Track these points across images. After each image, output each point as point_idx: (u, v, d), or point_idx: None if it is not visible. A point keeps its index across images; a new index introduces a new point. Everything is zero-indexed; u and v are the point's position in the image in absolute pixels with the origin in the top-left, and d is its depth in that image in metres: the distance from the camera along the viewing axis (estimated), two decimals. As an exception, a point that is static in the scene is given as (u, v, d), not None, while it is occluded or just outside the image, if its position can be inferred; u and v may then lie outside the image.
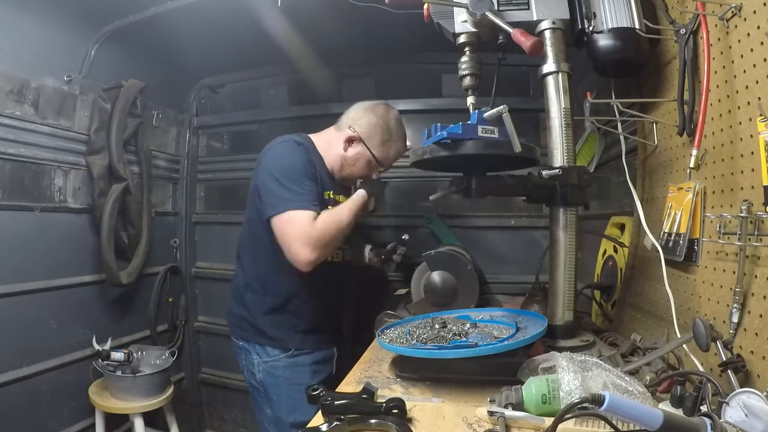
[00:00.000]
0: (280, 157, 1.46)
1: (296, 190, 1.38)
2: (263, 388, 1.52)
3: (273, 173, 1.41)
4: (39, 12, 1.75)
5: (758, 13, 0.80)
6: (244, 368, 1.59)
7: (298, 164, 1.43)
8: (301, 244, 1.33)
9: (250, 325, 1.56)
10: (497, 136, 1.03)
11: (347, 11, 1.47)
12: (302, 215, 1.34)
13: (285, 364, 1.52)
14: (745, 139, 0.84)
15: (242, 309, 1.58)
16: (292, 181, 1.39)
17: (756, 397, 0.65)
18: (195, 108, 2.69)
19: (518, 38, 1.07)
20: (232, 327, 1.64)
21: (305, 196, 1.38)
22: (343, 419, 0.81)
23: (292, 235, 1.34)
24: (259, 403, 1.55)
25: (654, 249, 1.12)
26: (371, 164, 1.57)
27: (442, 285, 1.50)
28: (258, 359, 1.53)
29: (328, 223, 1.37)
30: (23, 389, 1.74)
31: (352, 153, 1.55)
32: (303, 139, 1.54)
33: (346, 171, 1.59)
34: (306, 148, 1.50)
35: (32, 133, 1.80)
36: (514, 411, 0.79)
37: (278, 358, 1.52)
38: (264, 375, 1.52)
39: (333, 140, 1.58)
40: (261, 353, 1.53)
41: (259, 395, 1.55)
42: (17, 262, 1.74)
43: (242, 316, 1.58)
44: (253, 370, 1.54)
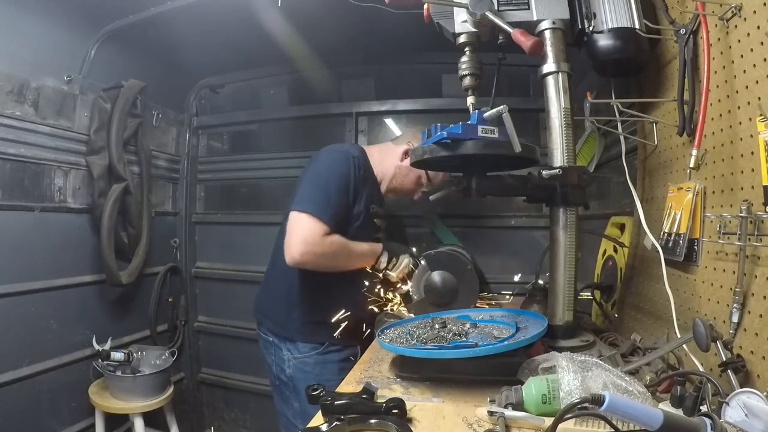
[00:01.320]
0: (325, 164, 1.53)
1: (323, 200, 1.42)
2: (292, 383, 1.56)
3: (313, 176, 1.50)
4: (39, 12, 1.75)
5: (758, 13, 0.80)
6: (272, 363, 1.62)
7: (338, 176, 1.48)
8: (301, 243, 1.37)
9: (283, 320, 1.59)
10: (497, 136, 1.02)
11: (347, 11, 1.47)
12: (316, 224, 1.38)
13: (315, 360, 1.57)
14: (745, 139, 0.84)
15: (275, 304, 1.62)
16: (323, 190, 1.44)
17: (756, 397, 0.65)
18: (195, 108, 2.69)
19: (518, 38, 1.07)
20: (261, 321, 1.67)
21: (328, 209, 1.41)
22: (343, 419, 0.81)
23: (298, 232, 1.38)
24: (287, 397, 1.59)
25: (654, 249, 1.12)
26: (420, 179, 1.65)
27: (442, 285, 1.49)
28: (289, 355, 1.57)
29: (335, 246, 1.42)
30: (23, 389, 1.74)
31: (407, 164, 1.60)
32: (357, 151, 1.59)
33: (396, 182, 1.66)
34: (358, 161, 1.54)
35: (32, 133, 1.80)
36: (514, 411, 0.79)
37: (309, 355, 1.56)
38: (294, 370, 1.56)
39: (389, 152, 1.67)
40: (292, 349, 1.57)
41: (287, 389, 1.59)
42: (17, 262, 1.74)
43: (275, 310, 1.62)
44: (283, 365, 1.58)
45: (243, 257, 2.54)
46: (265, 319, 1.66)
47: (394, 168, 1.65)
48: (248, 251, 2.52)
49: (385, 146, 1.72)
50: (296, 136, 2.60)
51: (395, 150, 1.66)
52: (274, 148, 2.61)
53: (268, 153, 2.61)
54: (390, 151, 1.67)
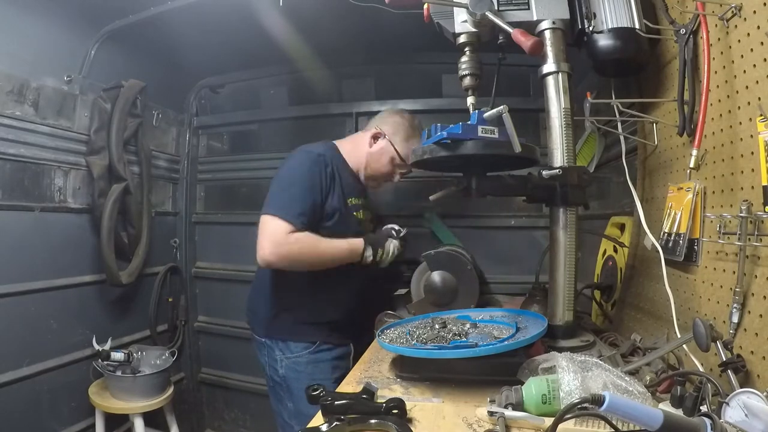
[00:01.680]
0: (289, 166, 1.55)
1: (287, 200, 1.45)
2: (285, 383, 1.57)
3: (278, 179, 1.52)
4: (39, 12, 1.75)
5: (758, 13, 0.80)
6: (266, 364, 1.63)
7: (302, 175, 1.49)
8: (267, 243, 1.40)
9: (274, 322, 1.60)
10: (497, 136, 1.02)
11: (347, 11, 1.47)
12: (280, 223, 1.40)
13: (307, 359, 1.57)
14: (745, 139, 0.84)
15: (265, 306, 1.63)
16: (288, 191, 1.47)
17: (756, 397, 0.65)
18: (195, 108, 2.68)
19: (518, 38, 1.07)
20: (254, 324, 1.68)
21: (293, 209, 1.43)
22: (343, 419, 0.81)
23: (264, 234, 1.42)
24: (281, 397, 1.60)
25: (654, 249, 1.12)
26: (394, 161, 1.65)
27: (442, 285, 1.49)
28: (281, 355, 1.58)
29: (301, 242, 1.43)
30: (23, 389, 1.74)
31: (377, 148, 1.64)
32: (325, 148, 1.59)
33: (371, 168, 1.66)
34: (324, 158, 1.54)
35: (32, 133, 1.80)
36: (514, 411, 0.79)
37: (301, 354, 1.57)
38: (287, 370, 1.57)
39: (359, 141, 1.68)
40: (284, 349, 1.58)
41: (281, 389, 1.59)
42: (17, 262, 1.74)
43: (265, 312, 1.63)
44: (276, 365, 1.58)
45: (243, 257, 2.53)
46: (255, 320, 1.68)
47: (365, 155, 1.66)
48: (248, 251, 2.48)
49: (355, 136, 1.74)
50: (296, 136, 2.60)
51: (364, 137, 1.67)
52: (274, 148, 2.60)
53: (268, 153, 2.60)
54: (360, 140, 1.68)
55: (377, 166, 1.66)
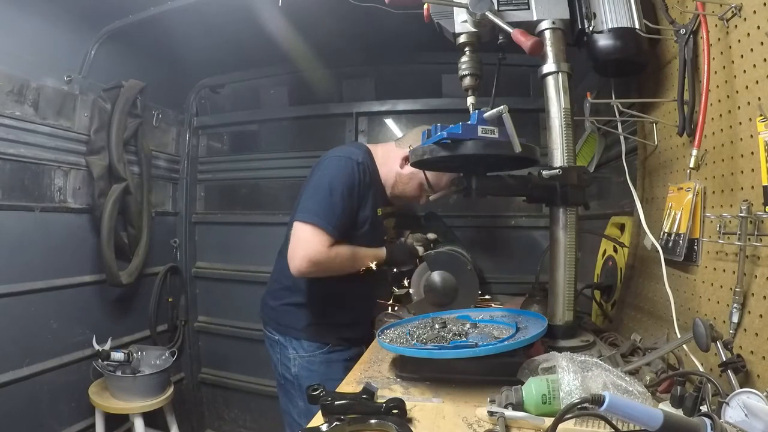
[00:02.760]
0: (329, 171, 1.49)
1: (327, 209, 1.41)
2: (298, 381, 1.56)
3: (316, 183, 1.47)
4: (39, 12, 1.75)
5: (758, 13, 0.80)
6: (278, 362, 1.61)
7: (342, 184, 1.45)
8: (305, 256, 1.37)
9: (289, 320, 1.59)
10: (497, 136, 1.02)
11: (347, 11, 1.47)
12: (320, 236, 1.38)
13: (321, 359, 1.56)
14: (745, 139, 0.84)
15: (282, 304, 1.61)
16: (327, 199, 1.42)
17: (756, 397, 0.65)
18: (195, 108, 2.69)
19: (518, 38, 1.07)
20: (268, 320, 1.66)
21: (333, 219, 1.40)
22: (343, 419, 0.81)
23: (303, 244, 1.38)
24: (292, 395, 1.58)
25: (654, 249, 1.12)
26: (423, 187, 1.59)
27: (442, 285, 1.49)
28: (294, 354, 1.56)
29: (340, 257, 1.41)
30: (23, 389, 1.74)
31: (408, 171, 1.56)
32: (362, 155, 1.54)
33: (398, 189, 1.61)
34: (363, 166, 1.50)
35: (32, 133, 1.80)
36: (514, 411, 0.79)
37: (315, 354, 1.56)
38: (300, 369, 1.56)
39: (392, 155, 1.61)
40: (298, 348, 1.56)
41: (292, 388, 1.58)
42: (17, 262, 1.74)
43: (281, 310, 1.61)
44: (289, 364, 1.57)
45: (243, 257, 2.54)
46: (270, 318, 1.66)
47: (395, 175, 1.60)
48: (248, 251, 2.52)
49: (387, 147, 1.66)
50: (296, 136, 2.60)
51: (396, 154, 1.61)
52: (274, 148, 2.61)
53: (268, 153, 2.61)
54: (392, 154, 1.62)
55: (405, 189, 1.61)
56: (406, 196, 1.63)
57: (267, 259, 1.75)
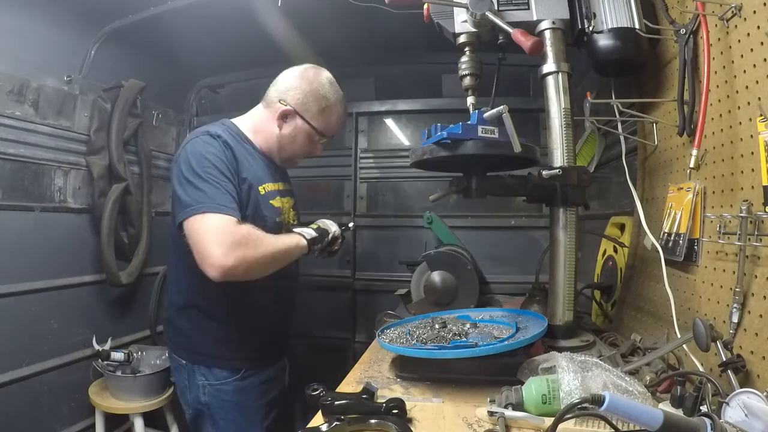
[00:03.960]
0: (191, 154, 1.23)
1: (213, 191, 1.16)
2: (209, 410, 1.35)
3: (183, 174, 1.20)
4: (39, 12, 1.75)
5: (758, 13, 0.80)
6: (185, 388, 1.38)
7: (213, 160, 1.21)
8: (216, 244, 1.10)
9: (194, 344, 1.36)
10: (497, 136, 1.02)
11: (347, 11, 1.47)
12: (221, 217, 1.13)
13: (233, 387, 1.34)
14: (745, 139, 0.84)
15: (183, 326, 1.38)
16: (206, 181, 1.17)
17: (756, 397, 0.65)
18: (195, 108, 2.69)
19: (518, 38, 1.07)
20: (171, 342, 1.43)
21: (224, 198, 1.16)
22: (343, 419, 0.81)
23: (206, 235, 1.12)
24: (202, 426, 1.37)
25: (654, 249, 1.12)
26: (312, 137, 1.41)
27: (442, 285, 1.49)
28: (204, 381, 1.34)
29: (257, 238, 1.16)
30: (23, 389, 1.74)
31: (288, 130, 1.38)
32: (222, 129, 1.32)
33: (287, 150, 1.42)
34: (224, 140, 1.27)
35: (32, 133, 1.80)
36: (514, 411, 0.79)
37: (226, 382, 1.34)
38: (210, 398, 1.34)
39: (263, 119, 1.40)
40: (207, 375, 1.34)
41: (203, 417, 1.36)
42: (17, 262, 1.74)
43: (184, 333, 1.38)
44: (198, 392, 1.35)
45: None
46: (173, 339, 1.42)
47: (276, 139, 1.39)
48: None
49: (255, 114, 1.43)
50: (296, 136, 2.60)
51: (268, 116, 1.39)
52: (274, 148, 2.60)
53: (267, 153, 2.60)
54: (263, 120, 1.40)
55: (294, 148, 1.41)
56: (298, 154, 1.45)
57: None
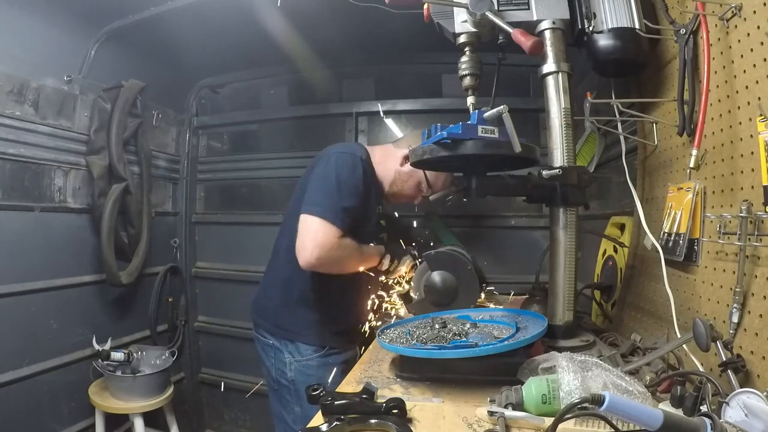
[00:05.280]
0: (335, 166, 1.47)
1: (335, 203, 1.40)
2: (294, 386, 1.53)
3: (321, 177, 1.45)
4: (39, 12, 1.75)
5: (758, 13, 0.80)
6: (272, 366, 1.57)
7: (349, 179, 1.45)
8: (316, 247, 1.35)
9: (285, 322, 1.57)
10: (497, 136, 1.02)
11: (347, 11, 1.47)
12: (329, 228, 1.37)
13: (317, 363, 1.53)
14: (745, 139, 0.84)
15: (277, 305, 1.59)
16: (335, 193, 1.41)
17: (756, 397, 0.65)
18: (195, 108, 2.69)
19: (518, 38, 1.07)
20: (261, 323, 1.63)
21: (341, 213, 1.39)
22: (343, 419, 0.81)
23: (312, 236, 1.36)
24: (287, 401, 1.55)
25: (654, 249, 1.12)
26: (421, 185, 1.61)
27: (443, 285, 1.49)
28: (290, 358, 1.54)
29: (348, 250, 1.42)
30: (23, 389, 1.74)
31: (407, 170, 1.59)
32: (362, 152, 1.55)
33: (396, 187, 1.63)
34: (365, 163, 1.51)
35: (32, 133, 1.80)
36: (514, 411, 0.79)
37: (311, 357, 1.54)
38: (296, 374, 1.53)
39: (390, 154, 1.63)
40: (294, 352, 1.54)
41: (288, 393, 1.55)
42: (17, 262, 1.74)
43: (277, 312, 1.59)
44: (284, 369, 1.54)
45: (243, 257, 2.54)
46: (264, 321, 1.63)
47: (394, 173, 1.61)
48: (248, 251, 2.52)
49: (386, 148, 1.68)
50: (296, 136, 2.61)
51: (396, 153, 1.62)
52: (274, 148, 2.61)
53: (268, 153, 2.61)
54: (391, 154, 1.63)
55: (403, 187, 1.62)
56: (404, 194, 1.65)
57: (267, 259, 1.74)
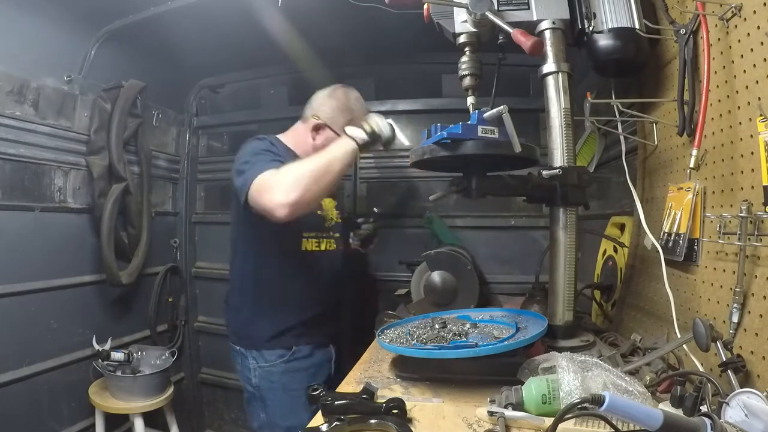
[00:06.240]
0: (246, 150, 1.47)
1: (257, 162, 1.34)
2: (259, 392, 1.53)
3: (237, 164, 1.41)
4: (39, 12, 1.75)
5: (758, 13, 0.80)
6: (240, 372, 1.59)
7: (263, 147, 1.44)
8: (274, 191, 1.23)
9: (246, 328, 1.56)
10: (497, 136, 1.02)
11: (347, 11, 1.47)
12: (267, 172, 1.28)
13: (282, 369, 1.51)
14: (745, 139, 0.84)
15: (237, 312, 1.59)
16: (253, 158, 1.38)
17: (756, 397, 0.65)
18: (195, 108, 2.69)
19: (518, 38, 1.07)
20: (229, 331, 1.64)
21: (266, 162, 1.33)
22: (343, 419, 0.81)
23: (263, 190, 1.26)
24: (254, 407, 1.55)
25: (654, 249, 1.12)
26: None
27: (442, 285, 1.49)
28: (254, 364, 1.52)
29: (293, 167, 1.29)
30: (23, 389, 1.74)
31: (321, 140, 1.56)
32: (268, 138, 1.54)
33: None
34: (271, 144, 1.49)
35: (32, 133, 1.80)
36: (514, 411, 0.79)
37: (275, 363, 1.51)
38: (260, 380, 1.52)
39: (300, 133, 1.61)
40: (258, 358, 1.52)
41: (254, 399, 1.55)
42: (17, 262, 1.74)
43: (237, 319, 1.59)
44: (249, 375, 1.54)
45: (243, 257, 2.54)
46: (230, 326, 1.64)
47: (311, 149, 1.53)
48: (248, 251, 2.52)
49: (294, 129, 1.64)
50: (296, 136, 2.60)
51: (304, 129, 1.59)
52: (274, 148, 2.60)
53: (268, 153, 2.60)
54: (301, 133, 1.60)
55: None
56: None
57: (267, 259, 1.74)
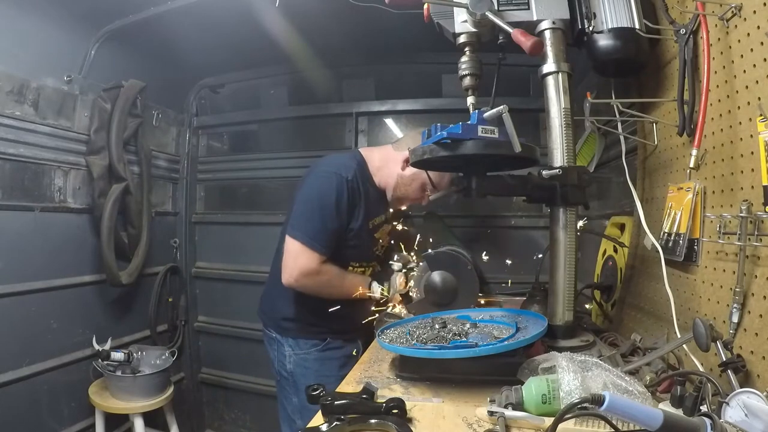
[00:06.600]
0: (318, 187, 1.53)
1: (317, 228, 1.47)
2: (293, 378, 1.61)
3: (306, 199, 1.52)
4: (39, 12, 1.75)
5: (758, 13, 0.80)
6: (274, 359, 1.67)
7: (331, 203, 1.49)
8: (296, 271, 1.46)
9: (286, 318, 1.63)
10: (497, 136, 1.02)
11: (347, 11, 1.47)
12: (310, 254, 1.45)
13: (315, 356, 1.61)
14: (745, 139, 0.84)
15: (278, 302, 1.65)
16: (317, 217, 1.48)
17: (756, 397, 0.65)
18: (195, 108, 2.69)
19: (518, 38, 1.07)
20: (265, 318, 1.72)
21: (322, 237, 1.47)
22: (343, 419, 0.81)
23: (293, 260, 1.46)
24: (287, 392, 1.64)
25: (654, 249, 1.12)
26: (425, 186, 1.59)
27: (442, 285, 1.49)
28: (290, 351, 1.62)
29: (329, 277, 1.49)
30: (23, 389, 1.74)
31: (409, 173, 1.58)
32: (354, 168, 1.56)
33: (400, 191, 1.62)
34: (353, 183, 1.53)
35: (32, 133, 1.80)
36: (514, 411, 0.79)
37: (310, 351, 1.61)
38: (295, 366, 1.61)
39: (390, 158, 1.62)
40: (293, 345, 1.62)
41: (288, 384, 1.63)
42: (17, 262, 1.74)
43: (277, 308, 1.66)
44: (285, 361, 1.62)
45: (243, 257, 2.54)
46: (267, 317, 1.71)
47: (396, 177, 1.60)
48: (248, 251, 2.52)
49: (385, 151, 1.66)
50: (296, 136, 2.60)
51: (396, 157, 1.61)
52: (274, 148, 2.61)
53: (268, 153, 2.61)
54: (391, 158, 1.62)
55: (407, 191, 1.61)
56: (409, 197, 1.64)
57: (267, 259, 1.75)
